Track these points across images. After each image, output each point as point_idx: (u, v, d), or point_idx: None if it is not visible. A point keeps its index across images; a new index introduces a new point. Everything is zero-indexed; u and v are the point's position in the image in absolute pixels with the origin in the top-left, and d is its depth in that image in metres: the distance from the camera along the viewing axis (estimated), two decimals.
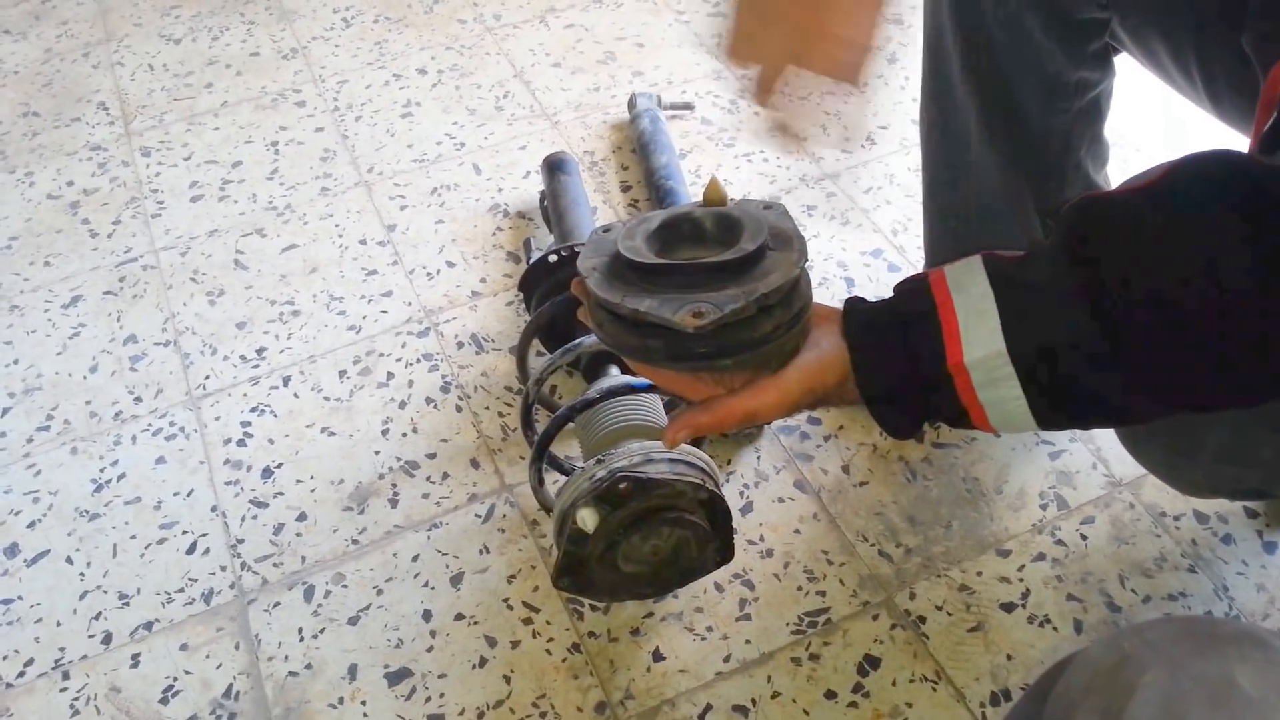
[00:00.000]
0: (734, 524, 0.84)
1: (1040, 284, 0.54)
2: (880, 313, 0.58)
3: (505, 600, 0.93)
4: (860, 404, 0.59)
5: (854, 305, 0.60)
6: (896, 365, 0.56)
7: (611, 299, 0.57)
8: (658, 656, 0.89)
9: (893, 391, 0.57)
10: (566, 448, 1.01)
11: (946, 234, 1.00)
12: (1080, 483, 0.98)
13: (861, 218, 1.25)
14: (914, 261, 1.19)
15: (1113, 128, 0.94)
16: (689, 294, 0.56)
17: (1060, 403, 0.55)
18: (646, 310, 0.55)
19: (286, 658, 0.90)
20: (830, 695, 0.85)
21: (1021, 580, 0.92)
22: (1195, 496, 0.92)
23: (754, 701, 0.85)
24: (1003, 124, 0.89)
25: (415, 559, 0.97)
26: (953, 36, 0.87)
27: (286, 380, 1.13)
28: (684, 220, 0.61)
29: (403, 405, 1.09)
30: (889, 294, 0.60)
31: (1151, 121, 1.30)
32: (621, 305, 0.56)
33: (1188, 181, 0.51)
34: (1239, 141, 0.79)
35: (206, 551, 0.98)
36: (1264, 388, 0.52)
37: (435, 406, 1.09)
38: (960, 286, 0.56)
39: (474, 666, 0.89)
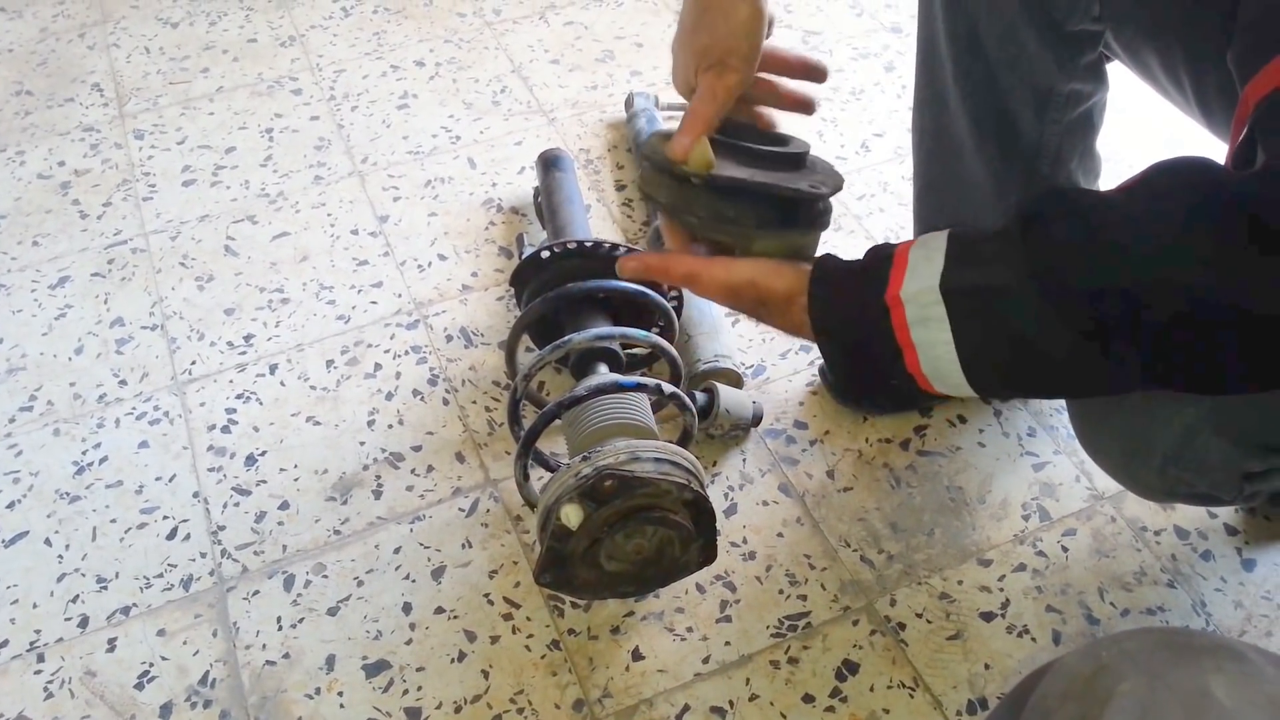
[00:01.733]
0: (717, 525, 0.84)
1: (988, 236, 0.56)
2: (847, 261, 0.63)
3: (486, 595, 0.93)
4: (802, 331, 0.62)
5: (826, 254, 0.64)
6: (845, 297, 0.60)
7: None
8: (637, 656, 0.89)
9: (836, 320, 0.61)
10: (552, 444, 1.01)
11: None
12: (1063, 495, 0.99)
13: (854, 224, 1.25)
14: None
15: (1104, 141, 0.95)
16: (752, 168, 0.66)
17: (985, 353, 0.56)
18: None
19: (264, 646, 0.90)
20: (808, 699, 0.85)
21: (1002, 590, 0.92)
22: (1151, 500, 0.93)
23: (732, 704, 0.85)
24: (995, 134, 0.89)
25: (397, 551, 0.96)
26: (946, 46, 0.87)
27: (273, 368, 1.12)
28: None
29: (389, 397, 1.09)
30: None
31: (1143, 136, 1.30)
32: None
33: (1154, 181, 0.54)
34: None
35: (187, 537, 0.98)
36: (1201, 381, 0.54)
37: (422, 399, 1.09)
38: (922, 242, 0.59)
39: (453, 660, 0.89)
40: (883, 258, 0.60)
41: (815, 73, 0.72)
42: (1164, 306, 0.51)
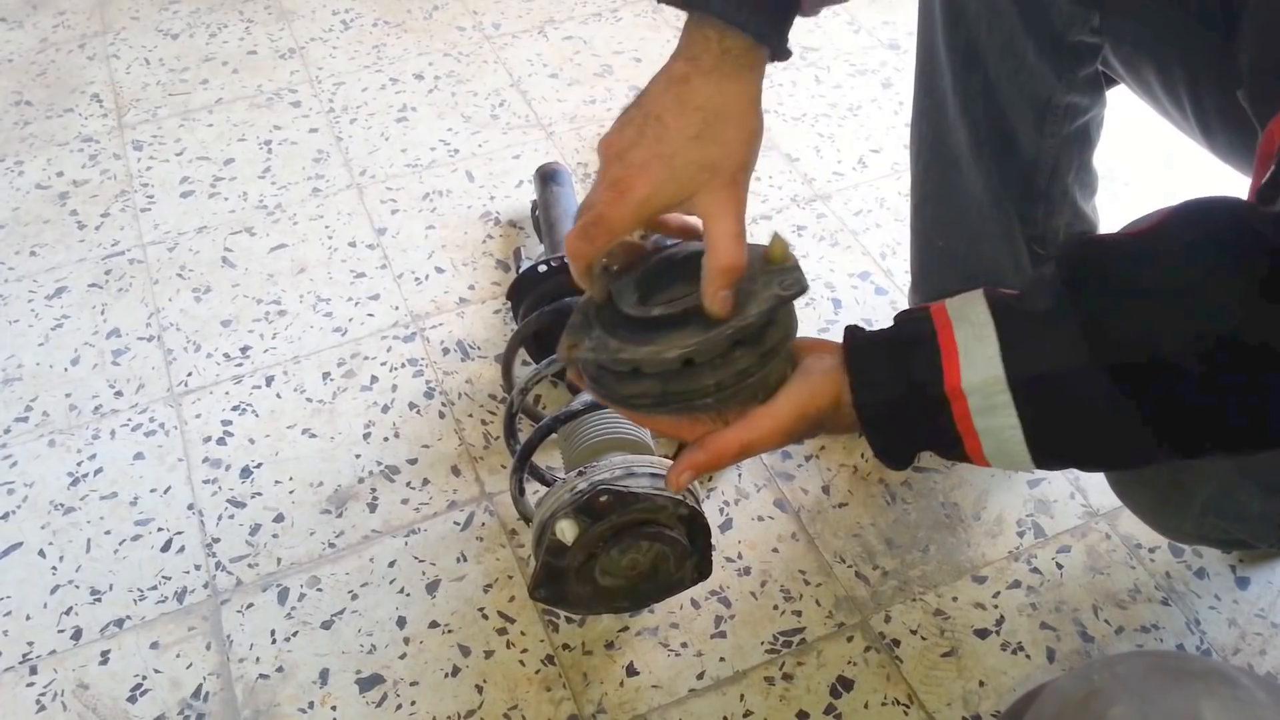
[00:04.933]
0: (713, 541, 0.84)
1: (1040, 316, 0.54)
2: (879, 337, 0.59)
3: (481, 609, 0.93)
4: (855, 429, 0.58)
5: (853, 331, 0.60)
6: (894, 386, 0.56)
7: (598, 353, 0.57)
8: (631, 671, 0.88)
9: (890, 414, 0.57)
10: (548, 458, 1.01)
11: (932, 253, 1.01)
12: (1058, 512, 0.99)
13: (851, 240, 1.26)
14: (901, 285, 1.19)
15: (1102, 161, 0.95)
16: (673, 337, 0.56)
17: (1054, 436, 0.55)
18: (630, 355, 0.56)
19: (258, 659, 0.90)
20: (802, 715, 0.85)
21: (996, 607, 0.92)
22: (1180, 543, 0.93)
23: (726, 719, 0.85)
24: (992, 144, 0.89)
25: (392, 564, 0.96)
26: (946, 55, 0.87)
27: (269, 380, 1.12)
28: (665, 266, 0.61)
29: (385, 409, 1.09)
30: (879, 318, 0.60)
31: (1140, 157, 1.31)
32: (604, 355, 0.57)
33: (1184, 228, 0.52)
34: (1232, 177, 0.80)
35: (181, 550, 0.98)
36: (1256, 437, 0.53)
37: (418, 412, 1.09)
38: (961, 315, 0.56)
39: (446, 675, 0.89)
40: (924, 336, 0.56)
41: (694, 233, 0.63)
42: (1211, 360, 0.50)
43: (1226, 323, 0.49)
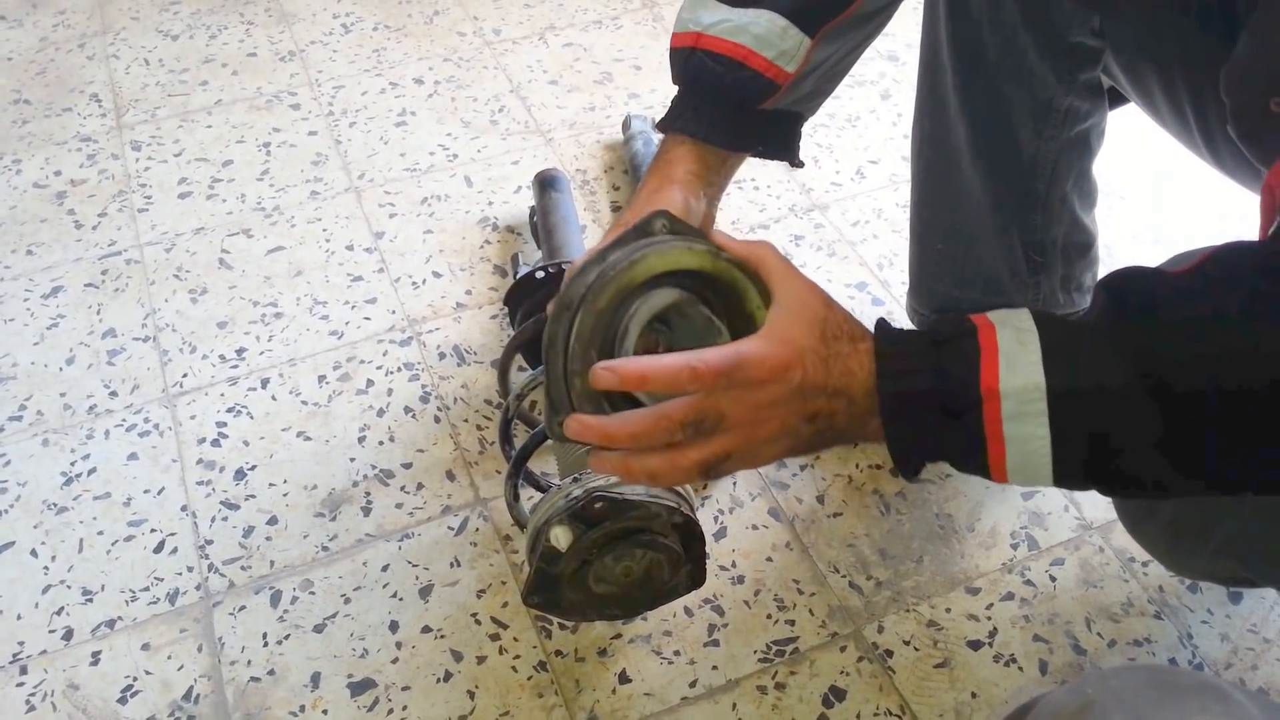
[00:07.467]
0: (707, 549, 0.84)
1: (1086, 330, 0.52)
2: (912, 330, 0.57)
3: (474, 615, 0.93)
4: (864, 430, 0.57)
5: (881, 320, 0.59)
6: (924, 377, 0.54)
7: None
8: (624, 678, 0.88)
9: (914, 406, 0.54)
10: (543, 464, 1.01)
11: (930, 255, 1.00)
12: (1052, 524, 0.99)
13: (848, 250, 1.26)
14: (898, 296, 1.20)
15: (1099, 175, 0.96)
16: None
17: (1083, 454, 0.53)
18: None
19: (249, 662, 0.90)
20: None
21: (989, 619, 0.92)
22: (1186, 578, 0.93)
23: None
24: (992, 145, 0.89)
25: (385, 569, 0.96)
26: (949, 53, 0.87)
27: (265, 382, 1.12)
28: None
29: (381, 413, 1.09)
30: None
31: (1138, 172, 1.31)
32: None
33: (1228, 267, 0.52)
34: (1235, 192, 0.80)
35: (174, 551, 0.97)
36: None
37: (413, 416, 1.09)
38: (1003, 320, 0.54)
39: (438, 680, 0.88)
40: (963, 332, 0.54)
41: None
42: (1250, 395, 0.49)
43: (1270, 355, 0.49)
